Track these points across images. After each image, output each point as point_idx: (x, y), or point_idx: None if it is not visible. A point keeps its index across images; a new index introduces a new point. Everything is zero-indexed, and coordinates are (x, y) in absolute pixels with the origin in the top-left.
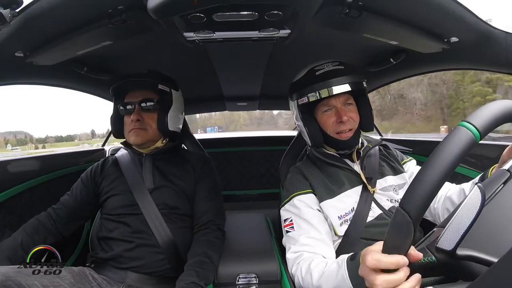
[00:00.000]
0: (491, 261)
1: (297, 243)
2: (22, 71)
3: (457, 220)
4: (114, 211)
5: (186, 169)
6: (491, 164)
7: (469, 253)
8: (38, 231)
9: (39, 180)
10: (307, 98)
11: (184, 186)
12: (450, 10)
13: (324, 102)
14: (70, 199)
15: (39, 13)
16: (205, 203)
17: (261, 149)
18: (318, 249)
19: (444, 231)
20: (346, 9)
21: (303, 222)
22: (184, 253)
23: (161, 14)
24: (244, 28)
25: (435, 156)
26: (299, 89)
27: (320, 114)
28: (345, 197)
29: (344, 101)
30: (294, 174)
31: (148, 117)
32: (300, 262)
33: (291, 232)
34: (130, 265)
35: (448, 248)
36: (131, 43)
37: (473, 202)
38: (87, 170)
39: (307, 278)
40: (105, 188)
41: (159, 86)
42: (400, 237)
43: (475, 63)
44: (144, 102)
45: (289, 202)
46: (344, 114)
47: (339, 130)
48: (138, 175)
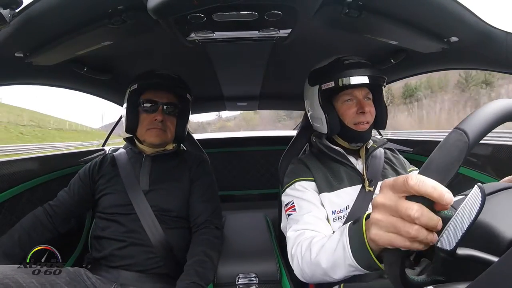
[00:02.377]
0: (491, 260)
1: (299, 222)
2: (22, 71)
3: (457, 219)
4: (107, 210)
5: (183, 170)
6: (491, 163)
7: (469, 252)
8: (35, 228)
9: (39, 180)
10: (334, 83)
11: (180, 187)
12: (450, 9)
13: (348, 92)
14: (68, 195)
15: (39, 13)
16: (202, 203)
17: (260, 149)
18: (321, 229)
19: (444, 231)
20: (346, 9)
21: (305, 202)
22: (179, 252)
23: (161, 14)
24: (244, 28)
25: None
26: (324, 75)
27: (341, 103)
28: (343, 193)
29: (365, 94)
30: (296, 164)
31: (169, 121)
32: (301, 241)
33: (293, 214)
34: (122, 263)
35: (448, 248)
36: (131, 43)
37: (473, 201)
38: (85, 167)
39: (306, 255)
40: (100, 186)
41: (187, 96)
42: (451, 159)
43: (475, 63)
44: (169, 105)
45: (291, 186)
46: (366, 105)
47: (358, 120)
48: (134, 175)
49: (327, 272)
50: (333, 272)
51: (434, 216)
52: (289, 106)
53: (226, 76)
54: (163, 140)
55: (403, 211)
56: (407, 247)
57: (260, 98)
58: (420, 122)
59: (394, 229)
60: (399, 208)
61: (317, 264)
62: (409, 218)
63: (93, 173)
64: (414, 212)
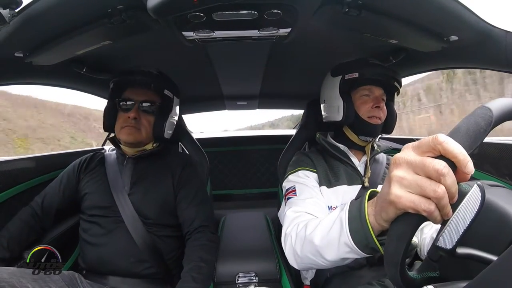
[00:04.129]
0: (491, 259)
1: (300, 205)
2: (22, 71)
3: (457, 218)
4: (90, 211)
5: (164, 175)
6: (491, 163)
7: (469, 251)
8: (22, 233)
9: (39, 180)
10: (358, 74)
11: (162, 194)
12: (450, 8)
13: (367, 87)
14: (54, 192)
15: (39, 13)
16: (193, 208)
17: (260, 148)
18: (321, 215)
19: (444, 230)
20: (346, 8)
21: (307, 188)
22: (169, 255)
23: (160, 14)
24: (243, 27)
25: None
26: (350, 67)
27: (359, 97)
28: (340, 191)
29: (381, 94)
30: (300, 156)
31: (145, 118)
32: (298, 222)
33: (293, 198)
34: (110, 268)
35: (447, 247)
36: (131, 43)
37: (473, 200)
38: (74, 163)
39: (301, 233)
40: (84, 184)
41: (165, 92)
42: (478, 127)
43: (475, 62)
44: (145, 102)
45: (294, 173)
46: (381, 101)
47: (372, 114)
48: (120, 176)
49: (319, 250)
50: (325, 251)
51: (456, 181)
52: (288, 105)
53: (226, 75)
54: (136, 139)
55: (431, 166)
56: (430, 212)
57: (260, 97)
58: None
59: (418, 188)
60: (426, 164)
61: (310, 241)
62: (436, 175)
63: (80, 171)
64: (442, 167)
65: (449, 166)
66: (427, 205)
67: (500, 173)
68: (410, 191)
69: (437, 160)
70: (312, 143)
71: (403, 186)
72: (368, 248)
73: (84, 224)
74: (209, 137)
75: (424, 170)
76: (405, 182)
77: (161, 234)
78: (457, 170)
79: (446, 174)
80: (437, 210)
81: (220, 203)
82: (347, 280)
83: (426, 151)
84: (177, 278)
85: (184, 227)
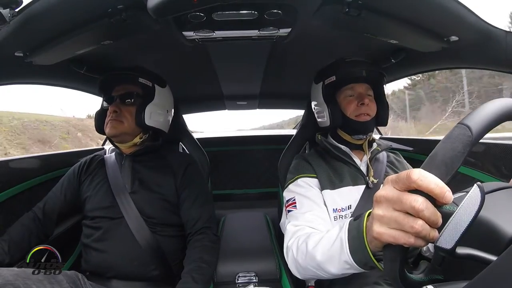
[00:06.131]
0: (490, 259)
1: (300, 219)
2: (22, 71)
3: (457, 219)
4: (92, 213)
5: (167, 175)
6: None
7: (469, 252)
8: (23, 238)
9: (39, 180)
10: (335, 77)
11: (164, 193)
12: (450, 9)
13: (349, 87)
14: (55, 196)
15: (39, 12)
16: (197, 209)
17: (260, 148)
18: (321, 227)
19: (444, 230)
20: (346, 8)
21: (307, 200)
22: (171, 256)
23: (161, 14)
24: (243, 27)
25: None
26: (327, 71)
27: (343, 98)
28: (345, 192)
29: (365, 90)
30: (300, 160)
31: (126, 110)
32: (299, 235)
33: (293, 211)
34: (113, 273)
35: (447, 247)
36: (131, 43)
37: (473, 200)
38: (74, 166)
39: (302, 247)
40: (86, 187)
41: (139, 80)
42: (454, 153)
43: (475, 62)
44: (125, 95)
45: (294, 182)
46: (366, 98)
47: (359, 112)
48: (120, 176)
49: (321, 265)
50: (327, 266)
51: (436, 211)
52: (289, 105)
53: (226, 75)
54: (120, 131)
55: (408, 203)
56: (410, 244)
57: (260, 97)
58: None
59: (397, 224)
60: (403, 201)
61: (312, 256)
62: (413, 211)
63: (80, 173)
64: (419, 204)
65: (428, 198)
66: (406, 239)
67: (502, 174)
68: (390, 227)
69: (414, 196)
70: (313, 143)
71: (384, 223)
72: (368, 266)
73: (86, 230)
74: (209, 137)
75: (402, 207)
76: (385, 219)
77: (165, 234)
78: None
79: (423, 209)
80: (419, 239)
81: (220, 203)
82: (353, 280)
83: (404, 186)
84: (179, 280)
85: (187, 227)
